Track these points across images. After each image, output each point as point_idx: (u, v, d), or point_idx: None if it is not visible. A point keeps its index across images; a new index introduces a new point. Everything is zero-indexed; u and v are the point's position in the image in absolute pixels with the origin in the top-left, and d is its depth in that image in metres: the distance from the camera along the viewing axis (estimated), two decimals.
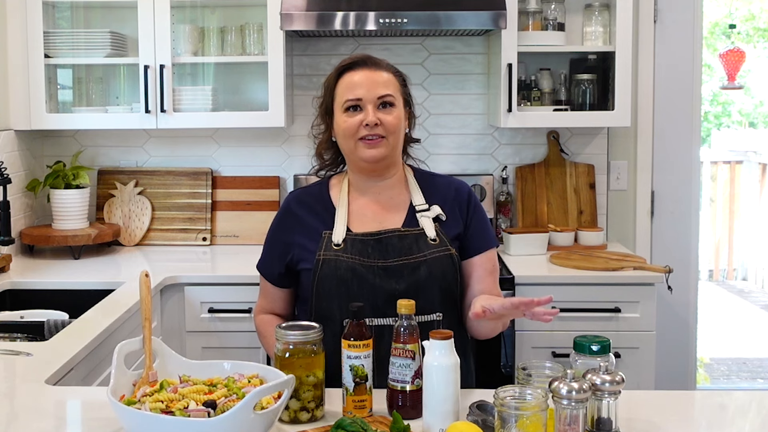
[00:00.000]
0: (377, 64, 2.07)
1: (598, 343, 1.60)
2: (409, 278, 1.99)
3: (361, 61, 2.06)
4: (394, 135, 2.04)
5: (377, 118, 2.00)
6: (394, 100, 2.04)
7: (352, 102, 2.01)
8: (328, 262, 2.00)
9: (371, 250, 2.01)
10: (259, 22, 3.43)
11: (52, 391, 1.88)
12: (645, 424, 1.66)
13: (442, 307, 2.02)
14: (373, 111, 2.00)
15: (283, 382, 1.54)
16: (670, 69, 3.72)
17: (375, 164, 2.05)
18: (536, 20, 3.44)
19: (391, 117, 2.02)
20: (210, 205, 3.66)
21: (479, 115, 3.70)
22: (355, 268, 1.99)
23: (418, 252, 2.02)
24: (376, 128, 2.00)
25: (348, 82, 2.04)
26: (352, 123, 2.01)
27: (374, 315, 1.97)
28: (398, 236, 2.03)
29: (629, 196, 3.76)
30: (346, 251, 2.01)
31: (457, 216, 2.10)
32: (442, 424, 1.58)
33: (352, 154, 2.05)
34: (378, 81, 2.03)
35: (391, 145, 2.04)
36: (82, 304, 2.63)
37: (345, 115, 2.03)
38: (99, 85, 3.60)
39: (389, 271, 2.00)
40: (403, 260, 2.01)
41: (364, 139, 2.01)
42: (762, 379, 5.34)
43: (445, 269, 2.02)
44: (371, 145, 2.01)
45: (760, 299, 7.08)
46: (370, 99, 2.01)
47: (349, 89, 2.02)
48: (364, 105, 2.01)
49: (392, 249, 2.01)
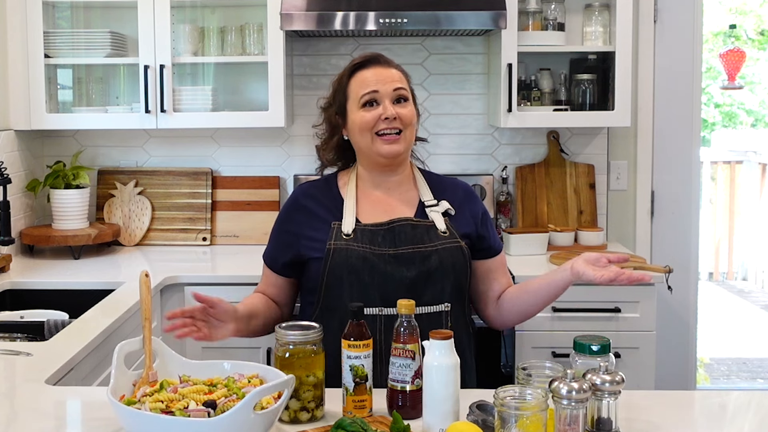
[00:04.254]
0: (388, 62, 2.12)
1: (598, 343, 1.60)
2: (420, 266, 2.01)
3: (374, 59, 2.10)
4: (410, 128, 2.08)
5: (395, 112, 2.03)
6: (408, 95, 2.09)
7: (369, 96, 2.05)
8: (339, 251, 2.01)
9: (381, 239, 2.03)
10: (259, 22, 3.43)
11: (52, 391, 1.88)
12: (645, 424, 1.66)
13: (450, 297, 2.04)
14: (390, 105, 2.04)
15: (283, 382, 1.54)
16: (670, 69, 3.72)
17: (392, 159, 2.07)
18: (536, 20, 3.44)
19: (407, 110, 2.06)
20: (210, 205, 3.66)
21: (479, 115, 3.70)
22: (366, 256, 2.00)
23: (429, 242, 2.04)
24: (394, 122, 2.03)
25: (362, 79, 2.07)
26: (370, 117, 2.04)
27: (384, 305, 1.98)
28: (411, 225, 2.05)
29: (629, 196, 3.76)
30: (357, 240, 2.02)
31: (468, 217, 2.13)
32: (442, 424, 1.58)
33: (368, 149, 2.07)
34: (391, 76, 2.07)
35: (407, 139, 2.08)
36: (82, 304, 2.63)
37: (362, 110, 2.05)
38: (99, 85, 3.60)
39: (400, 259, 2.01)
40: (414, 248, 2.02)
41: (382, 135, 2.04)
42: (762, 379, 5.34)
43: (456, 260, 2.04)
44: (390, 141, 2.04)
45: (760, 299, 7.08)
46: (386, 93, 2.05)
47: (364, 85, 2.06)
48: (381, 99, 2.04)
49: (404, 237, 2.03)
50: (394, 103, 2.05)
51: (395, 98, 2.05)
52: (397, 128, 2.04)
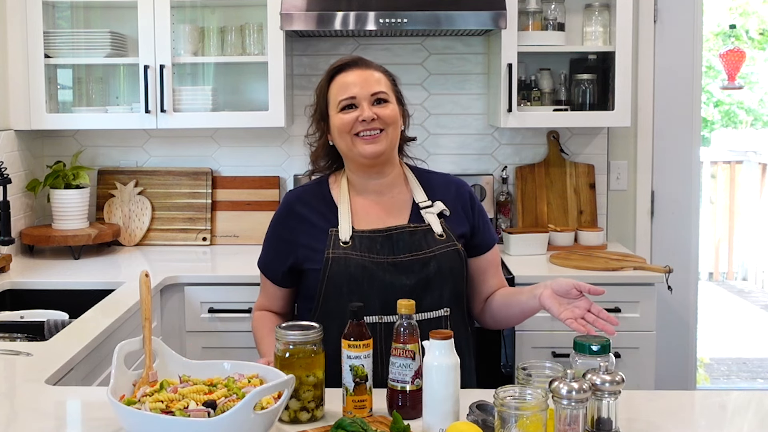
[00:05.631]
0: (367, 64, 2.10)
1: (598, 343, 1.60)
2: (419, 274, 2.00)
3: (352, 62, 2.09)
4: (393, 127, 2.06)
5: (374, 113, 2.02)
6: (387, 97, 2.06)
7: (347, 101, 2.03)
8: (338, 260, 2.00)
9: (380, 246, 2.02)
10: (259, 22, 3.43)
11: (52, 391, 1.88)
12: (645, 424, 1.66)
13: (449, 302, 2.03)
14: (368, 107, 2.02)
15: (283, 382, 1.54)
16: (670, 69, 3.72)
17: (374, 159, 2.05)
18: (536, 20, 3.44)
19: (388, 110, 2.05)
20: (210, 205, 3.66)
21: (479, 115, 3.70)
22: (366, 265, 1.99)
23: (427, 247, 2.03)
24: (373, 123, 2.02)
25: (341, 83, 2.06)
26: (348, 119, 2.03)
27: (383, 312, 1.97)
28: (408, 232, 2.04)
29: (629, 196, 3.76)
30: (355, 248, 2.01)
31: (461, 215, 2.12)
32: (442, 424, 1.58)
33: (350, 151, 2.06)
34: (370, 79, 2.05)
35: (389, 138, 2.05)
36: (82, 304, 2.63)
37: (341, 113, 2.04)
38: (99, 85, 3.60)
39: (399, 267, 2.01)
40: (413, 256, 2.02)
41: (362, 136, 2.02)
42: (762, 379, 5.34)
43: (453, 264, 2.04)
44: (370, 140, 2.02)
45: (760, 299, 7.08)
46: (364, 96, 2.03)
47: (343, 89, 2.04)
48: (359, 102, 2.03)
49: (403, 245, 2.03)
50: (374, 104, 2.03)
51: (374, 101, 2.04)
52: (378, 128, 2.02)
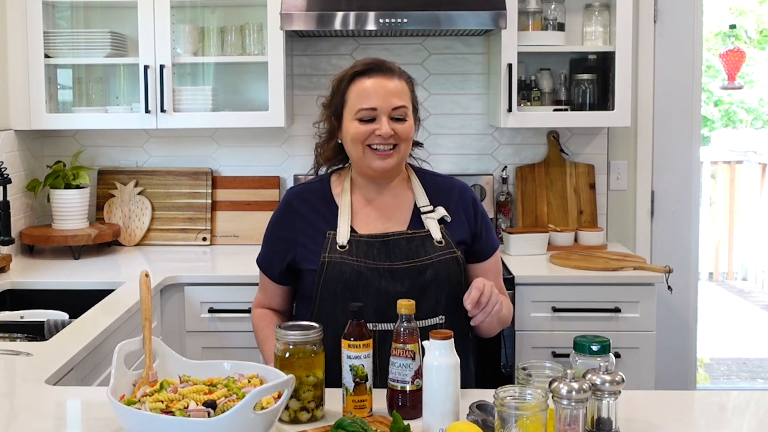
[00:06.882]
0: (391, 70, 2.04)
1: (598, 343, 1.60)
2: (416, 281, 1.99)
3: (376, 66, 2.03)
4: (406, 142, 2.04)
5: (391, 129, 1.99)
6: (407, 112, 2.03)
7: (367, 113, 1.99)
8: (334, 265, 1.99)
9: (377, 251, 2.01)
10: (259, 22, 3.43)
11: (52, 391, 1.88)
12: (645, 424, 1.67)
13: (445, 309, 2.02)
14: (387, 122, 1.99)
15: (283, 382, 1.54)
16: (670, 69, 3.72)
17: (383, 174, 2.05)
18: (536, 20, 3.44)
19: (404, 126, 2.02)
20: (210, 205, 3.66)
21: (479, 115, 3.70)
22: (361, 271, 1.98)
23: (424, 255, 2.01)
24: (389, 139, 1.99)
25: (361, 89, 2.01)
26: (365, 131, 2.00)
27: (378, 320, 1.96)
28: (406, 239, 2.03)
29: (629, 196, 3.76)
30: (351, 253, 2.00)
31: (462, 219, 2.10)
32: (442, 424, 1.58)
33: (360, 160, 2.04)
34: (392, 90, 2.01)
35: (401, 153, 2.04)
36: (82, 304, 2.64)
37: (357, 122, 2.01)
38: (99, 85, 3.60)
39: (395, 274, 1.99)
40: (409, 263, 2.00)
41: (375, 149, 2.00)
42: (762, 379, 5.34)
43: (450, 272, 2.02)
44: (383, 155, 2.00)
45: (760, 299, 7.07)
46: (385, 110, 1.99)
47: (364, 97, 2.00)
48: (378, 116, 1.99)
49: (399, 252, 2.01)
50: (392, 119, 2.00)
51: (394, 116, 2.00)
52: (393, 143, 2.00)
